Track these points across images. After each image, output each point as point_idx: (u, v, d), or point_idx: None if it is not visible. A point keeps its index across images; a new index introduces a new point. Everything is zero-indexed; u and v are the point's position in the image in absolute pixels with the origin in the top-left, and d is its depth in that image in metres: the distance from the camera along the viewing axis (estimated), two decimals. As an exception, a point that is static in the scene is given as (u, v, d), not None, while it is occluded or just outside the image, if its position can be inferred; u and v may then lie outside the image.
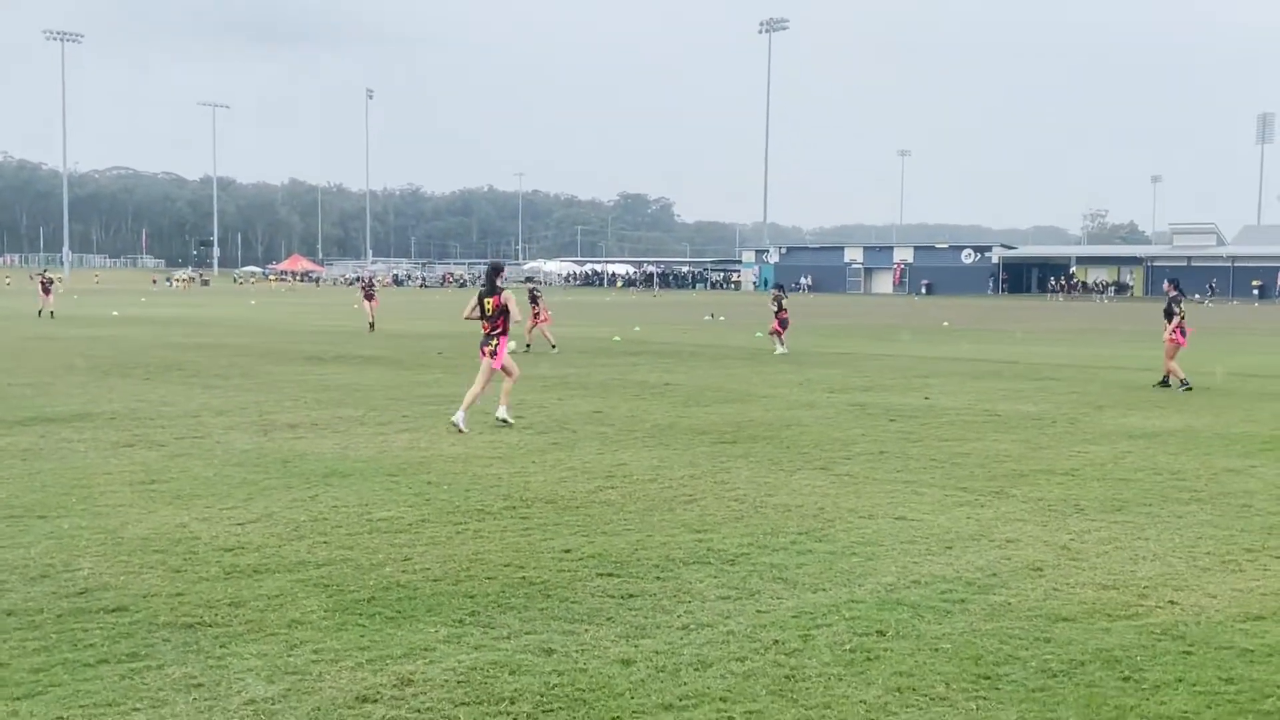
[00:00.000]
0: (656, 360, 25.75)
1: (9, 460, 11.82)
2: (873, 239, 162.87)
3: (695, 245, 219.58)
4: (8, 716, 5.11)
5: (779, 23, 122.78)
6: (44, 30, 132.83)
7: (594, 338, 34.37)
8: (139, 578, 7.42)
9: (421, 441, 13.35)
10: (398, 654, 6.00)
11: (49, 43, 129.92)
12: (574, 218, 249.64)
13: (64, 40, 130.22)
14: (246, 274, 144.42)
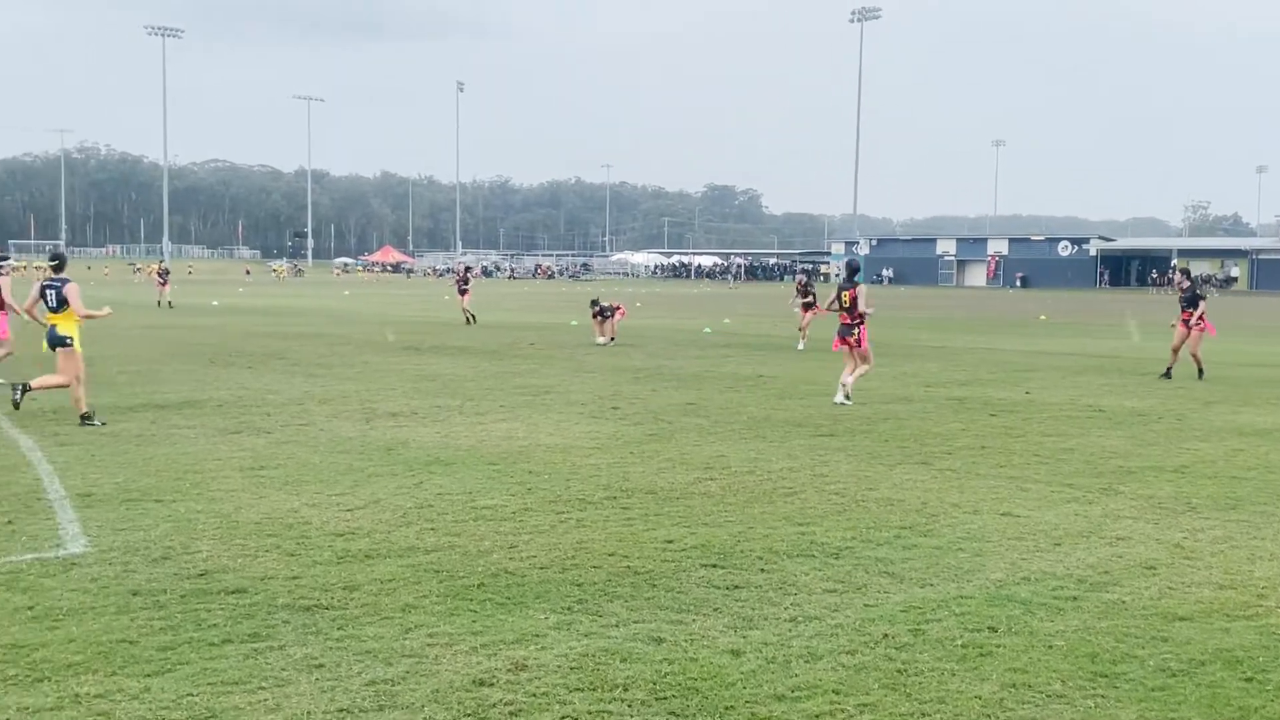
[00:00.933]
0: (748, 353, 25.69)
1: (124, 445, 12.20)
2: (965, 231, 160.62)
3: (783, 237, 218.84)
4: (140, 693, 5.29)
5: (871, 11, 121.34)
6: (145, 25, 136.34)
7: (684, 330, 34.41)
8: (256, 561, 7.62)
9: (519, 431, 13.49)
10: (510, 639, 6.09)
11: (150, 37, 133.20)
12: (661, 209, 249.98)
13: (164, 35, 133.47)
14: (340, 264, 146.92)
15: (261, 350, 24.92)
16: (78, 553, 7.79)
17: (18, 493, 9.73)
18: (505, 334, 30.99)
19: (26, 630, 6.15)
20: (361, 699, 5.24)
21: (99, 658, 5.74)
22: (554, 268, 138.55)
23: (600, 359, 23.43)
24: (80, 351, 14.10)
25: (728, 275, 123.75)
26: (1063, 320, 44.91)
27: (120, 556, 7.68)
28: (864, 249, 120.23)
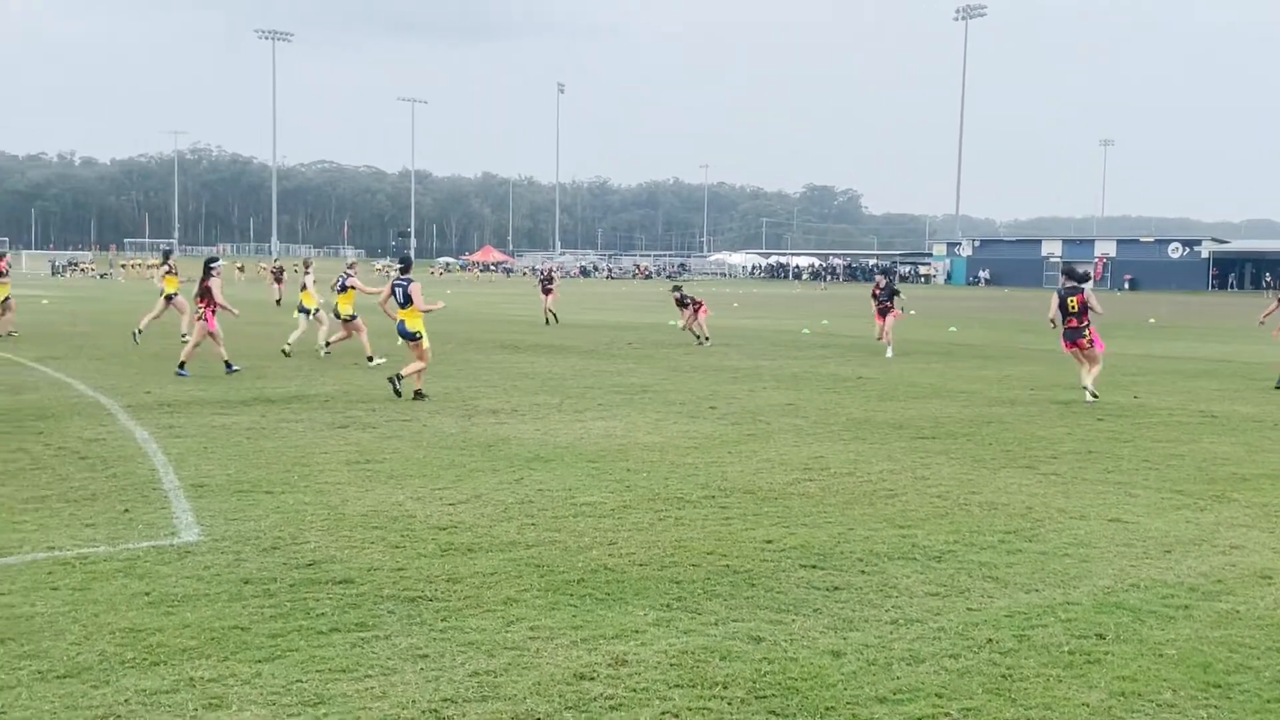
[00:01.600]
0: (847, 353, 25.47)
1: (235, 438, 12.53)
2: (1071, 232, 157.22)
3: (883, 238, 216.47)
4: (251, 678, 5.44)
5: (976, 9, 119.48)
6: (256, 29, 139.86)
7: (782, 330, 34.23)
8: (362, 552, 7.78)
9: (618, 429, 13.56)
10: (610, 634, 6.13)
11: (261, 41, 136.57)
12: (759, 210, 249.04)
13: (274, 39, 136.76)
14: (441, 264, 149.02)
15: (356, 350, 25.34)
16: (192, 541, 8.03)
17: (135, 482, 10.06)
18: (603, 333, 31.14)
19: (144, 615, 6.36)
20: (465, 689, 5.32)
21: (212, 643, 5.91)
22: (651, 268, 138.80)
23: (697, 359, 23.44)
24: (428, 342, 16.38)
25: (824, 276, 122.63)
26: (1173, 323, 43.71)
27: (232, 545, 7.90)
28: (966, 250, 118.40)
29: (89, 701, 5.13)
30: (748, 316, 43.21)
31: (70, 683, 5.35)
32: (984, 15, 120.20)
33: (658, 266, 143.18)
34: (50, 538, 8.07)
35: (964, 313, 49.36)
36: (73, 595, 6.70)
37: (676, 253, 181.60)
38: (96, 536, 8.13)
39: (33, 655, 5.70)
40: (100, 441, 12.15)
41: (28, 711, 5.01)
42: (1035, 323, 41.88)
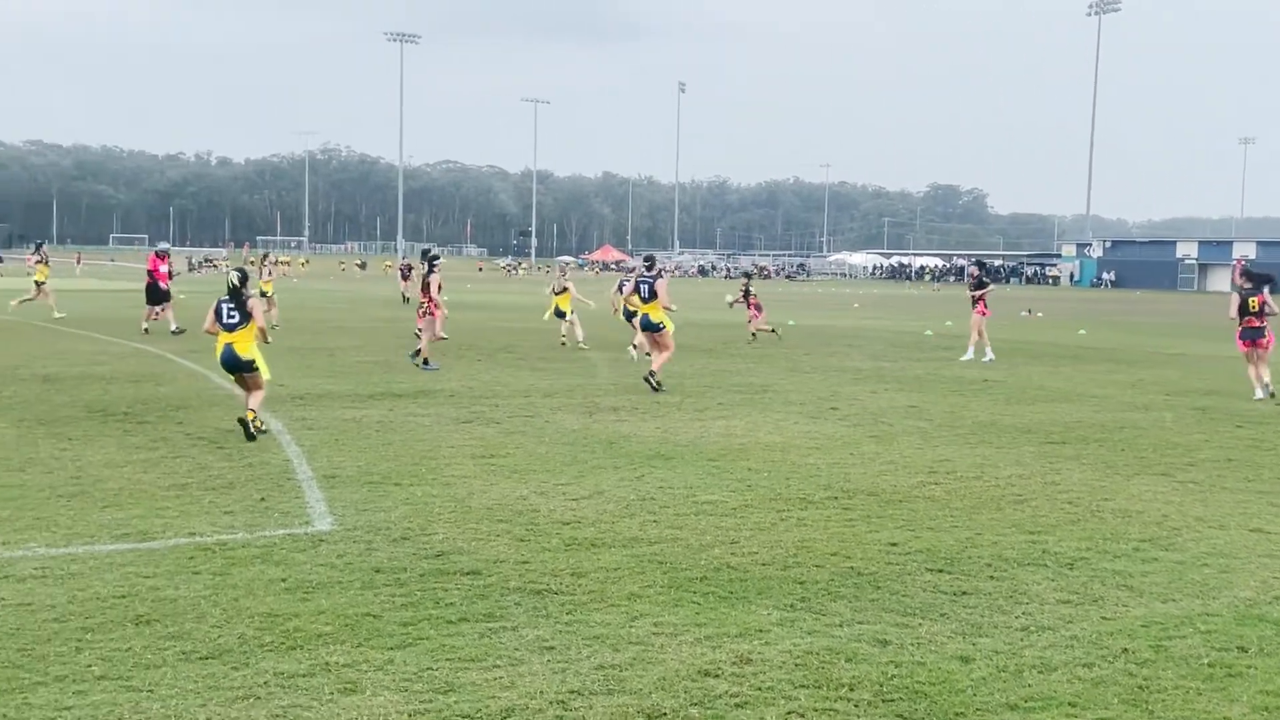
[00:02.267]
0: (971, 356, 24.97)
1: (365, 431, 12.83)
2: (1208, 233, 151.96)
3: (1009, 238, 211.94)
4: (384, 664, 5.57)
5: (1110, 4, 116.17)
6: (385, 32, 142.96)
7: (904, 331, 33.76)
8: (488, 544, 7.91)
9: (738, 429, 13.53)
10: (733, 633, 6.13)
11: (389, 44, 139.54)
12: (881, 209, 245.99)
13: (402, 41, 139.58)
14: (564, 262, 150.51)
15: (489, 344, 25.78)
16: (325, 530, 8.26)
17: (270, 472, 10.38)
18: (721, 332, 31.07)
19: (281, 600, 6.56)
20: (591, 682, 5.37)
21: (346, 629, 6.07)
22: (770, 268, 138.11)
23: (818, 360, 23.26)
24: (672, 335, 17.23)
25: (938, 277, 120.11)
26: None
27: (363, 535, 8.10)
28: (1096, 251, 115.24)
29: (230, 682, 5.31)
30: (868, 317, 42.74)
31: (212, 664, 5.55)
32: (1118, 10, 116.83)
33: (776, 266, 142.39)
34: (191, 524, 8.37)
35: (1094, 315, 48.06)
36: (213, 580, 6.95)
37: (796, 252, 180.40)
38: (235, 523, 8.41)
39: (177, 636, 5.92)
40: (236, 432, 12.54)
41: (173, 690, 5.21)
42: (1170, 325, 40.57)
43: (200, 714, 4.94)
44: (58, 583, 6.82)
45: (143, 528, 8.22)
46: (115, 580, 6.88)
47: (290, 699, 5.12)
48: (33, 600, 6.46)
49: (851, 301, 59.24)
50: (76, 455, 11.01)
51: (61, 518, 8.48)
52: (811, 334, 31.51)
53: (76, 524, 8.31)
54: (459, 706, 5.06)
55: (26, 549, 7.57)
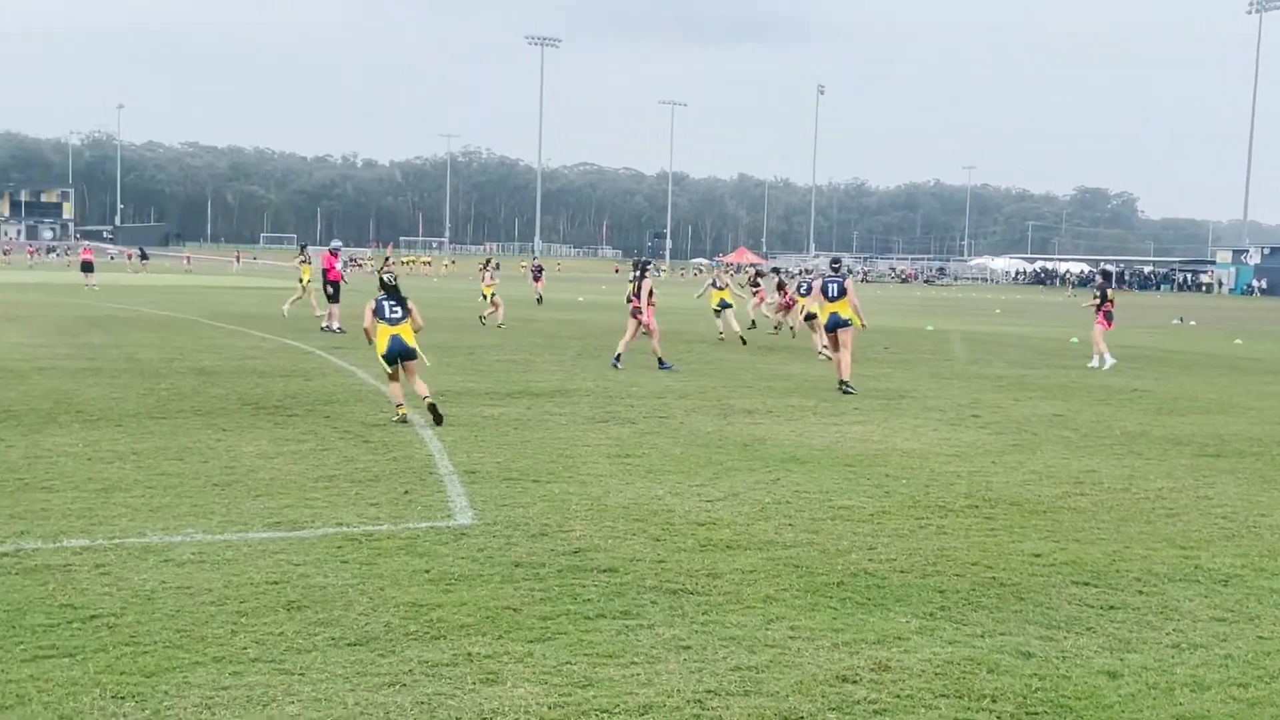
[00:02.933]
0: (1120, 364, 24.22)
1: (503, 429, 13.05)
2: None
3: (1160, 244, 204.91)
4: (524, 657, 5.67)
5: (1271, 2, 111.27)
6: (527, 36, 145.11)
7: (1048, 338, 32.90)
8: (624, 543, 7.97)
9: (875, 434, 13.37)
10: (871, 639, 6.06)
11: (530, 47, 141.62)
12: (1024, 213, 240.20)
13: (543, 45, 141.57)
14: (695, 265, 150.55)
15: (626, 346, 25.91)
16: (466, 524, 8.43)
17: (413, 466, 10.64)
18: (858, 337, 30.71)
19: (424, 591, 6.73)
20: (728, 683, 5.38)
21: (487, 621, 6.19)
22: (909, 271, 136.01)
23: (958, 365, 22.83)
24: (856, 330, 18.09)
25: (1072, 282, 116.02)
26: None
27: (503, 530, 8.24)
28: (1254, 258, 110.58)
29: (377, 669, 5.47)
30: (1010, 323, 41.78)
31: (360, 650, 5.72)
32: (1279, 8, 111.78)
33: (915, 269, 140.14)
34: (339, 514, 8.63)
35: (1251, 324, 46.14)
36: (360, 569, 7.16)
37: (935, 256, 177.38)
38: (380, 515, 8.65)
39: (326, 623, 6.12)
40: (381, 427, 12.89)
41: (323, 674, 5.39)
42: (1332, 337, 38.68)
43: (349, 698, 5.10)
44: (214, 568, 7.11)
45: (293, 517, 8.51)
46: (268, 567, 7.14)
47: (434, 687, 5.24)
48: (191, 584, 6.75)
49: (993, 307, 58.00)
50: (230, 446, 11.45)
51: (217, 506, 8.83)
52: (951, 339, 30.93)
53: (231, 512, 8.64)
54: (597, 701, 5.12)
55: (185, 535, 7.91)
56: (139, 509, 8.62)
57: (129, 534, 7.87)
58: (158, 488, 9.39)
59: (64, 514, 8.40)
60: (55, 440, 11.48)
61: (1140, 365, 24.16)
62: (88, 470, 10.04)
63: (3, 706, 4.91)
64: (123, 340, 23.25)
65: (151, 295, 44.15)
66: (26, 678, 5.24)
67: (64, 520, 8.21)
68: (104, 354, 20.27)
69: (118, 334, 24.85)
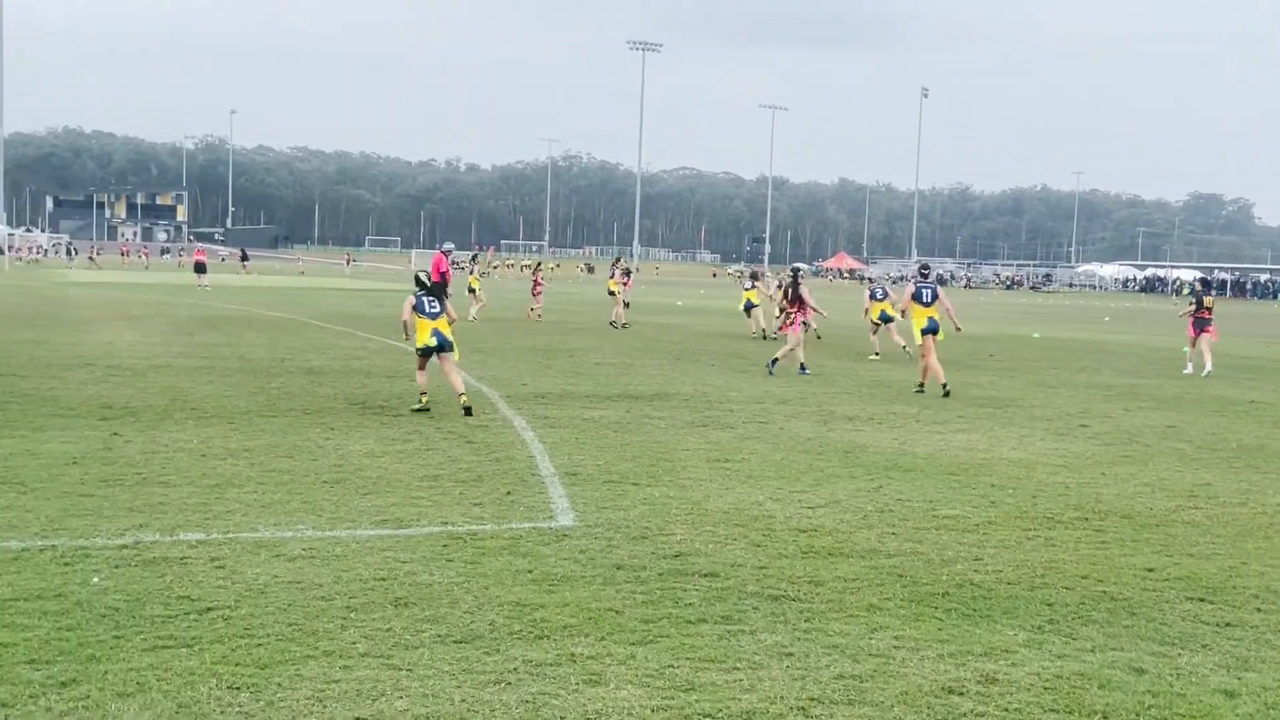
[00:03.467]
0: (1236, 374, 23.51)
1: (603, 431, 13.12)
2: None
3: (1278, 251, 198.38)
4: (626, 659, 5.69)
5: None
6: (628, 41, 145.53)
7: (1160, 347, 32.06)
8: (725, 548, 7.96)
9: (980, 443, 13.16)
10: (978, 651, 5.97)
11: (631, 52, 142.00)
12: (1135, 219, 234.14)
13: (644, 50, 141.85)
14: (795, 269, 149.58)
15: (722, 349, 25.93)
16: (568, 525, 8.50)
17: (515, 468, 10.75)
18: (962, 343, 30.27)
19: (528, 591, 6.80)
20: (831, 691, 5.34)
21: (589, 622, 6.23)
22: (1014, 277, 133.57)
23: (1066, 374, 22.36)
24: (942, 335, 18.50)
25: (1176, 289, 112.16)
26: None
27: (604, 532, 8.29)
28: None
29: (482, 667, 5.54)
30: (1119, 331, 40.80)
31: (466, 648, 5.80)
32: None
33: (1020, 276, 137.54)
34: (444, 513, 8.76)
35: None
36: (465, 568, 7.25)
37: (1041, 262, 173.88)
38: (484, 515, 8.76)
39: (432, 620, 6.22)
40: (484, 428, 13.06)
41: (430, 670, 5.47)
42: None
43: (455, 695, 5.18)
44: (324, 563, 7.26)
45: (399, 515, 8.66)
46: (376, 563, 7.28)
47: (539, 686, 5.30)
48: (302, 579, 6.91)
49: (1101, 315, 56.70)
50: (339, 444, 11.69)
51: (326, 503, 9.02)
52: (1058, 347, 30.34)
53: (340, 509, 8.83)
54: (700, 705, 5.13)
55: (296, 530, 8.10)
56: (251, 504, 8.86)
57: (242, 529, 8.09)
58: (269, 484, 9.63)
59: (180, 508, 8.66)
60: (171, 436, 11.84)
61: (1256, 376, 23.41)
62: (202, 466, 10.33)
63: (124, 694, 5.08)
64: (234, 340, 23.89)
65: (261, 296, 45.27)
66: (146, 666, 5.41)
67: (180, 514, 8.46)
68: (217, 353, 20.85)
69: (229, 334, 25.53)
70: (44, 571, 6.88)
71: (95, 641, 5.71)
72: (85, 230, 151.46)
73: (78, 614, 6.12)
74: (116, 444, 11.29)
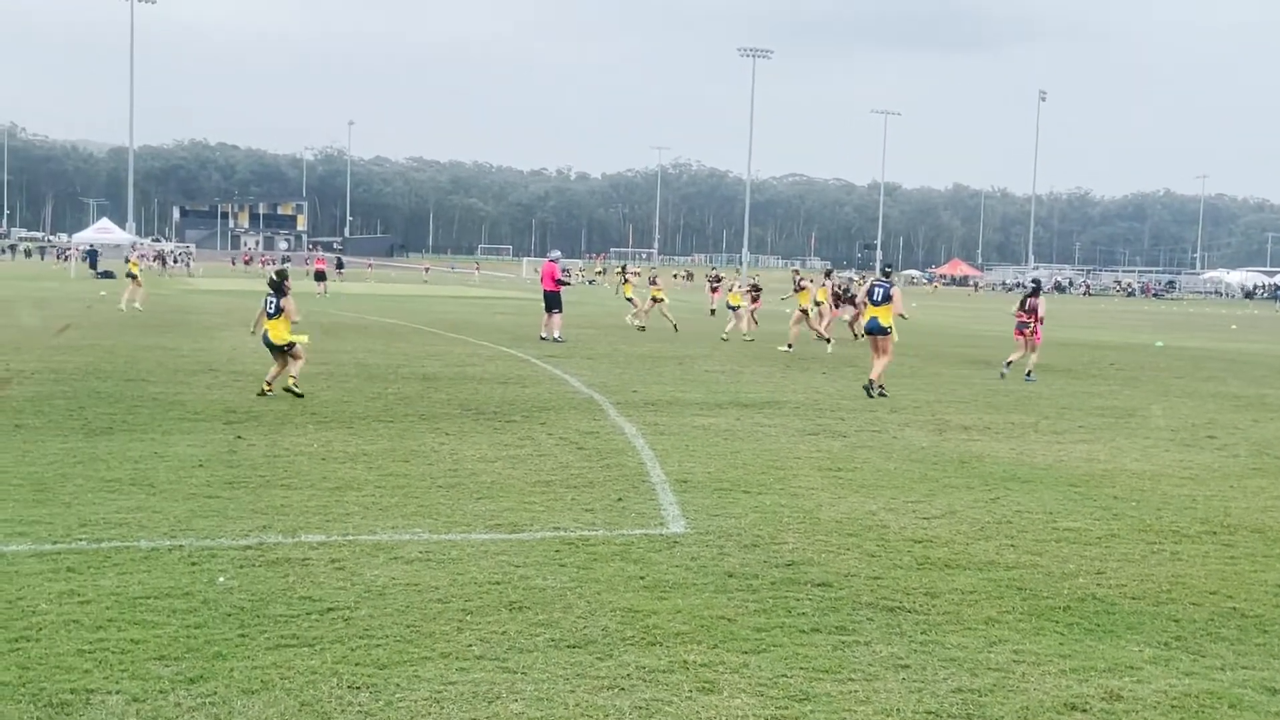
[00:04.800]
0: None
1: (713, 439, 13.09)
2: None
3: None
4: (740, 667, 5.67)
5: None
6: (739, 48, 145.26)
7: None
8: (838, 557, 7.88)
9: (1101, 454, 12.82)
10: (1101, 667, 5.81)
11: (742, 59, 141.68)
12: (1264, 223, 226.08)
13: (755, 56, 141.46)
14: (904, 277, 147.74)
15: (833, 357, 25.69)
16: (679, 532, 8.49)
17: (626, 474, 10.79)
18: (1082, 352, 29.57)
19: (639, 597, 6.81)
20: (949, 704, 5.25)
21: (701, 630, 6.22)
22: (1135, 284, 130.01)
23: (1191, 384, 21.68)
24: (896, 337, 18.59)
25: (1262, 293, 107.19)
26: None
27: (715, 540, 8.27)
28: None
29: (595, 672, 5.57)
30: (1247, 340, 39.42)
31: (579, 653, 5.83)
32: None
33: (1142, 283, 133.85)
34: (556, 519, 8.84)
35: None
36: (577, 573, 7.30)
37: (1164, 269, 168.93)
38: (595, 521, 8.80)
39: (546, 624, 6.27)
40: (594, 434, 13.13)
41: (544, 674, 5.52)
42: None
43: (569, 699, 5.21)
44: (440, 566, 7.37)
45: (513, 520, 8.75)
46: (490, 567, 7.37)
47: (652, 693, 5.30)
48: (419, 581, 7.02)
49: (1228, 323, 54.84)
50: (453, 449, 11.86)
51: (441, 506, 9.16)
52: (1183, 356, 29.42)
53: (454, 513, 8.96)
54: (815, 716, 5.08)
55: (412, 533, 8.24)
56: (370, 507, 9.04)
57: (361, 531, 8.26)
58: (386, 488, 9.82)
59: (301, 510, 8.87)
60: (292, 440, 12.14)
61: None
62: (322, 469, 10.58)
63: (250, 691, 5.22)
64: (351, 346, 24.41)
65: (375, 303, 46.18)
66: (270, 665, 5.55)
67: (301, 516, 8.67)
68: (334, 359, 21.32)
69: (346, 340, 26.10)
70: (172, 570, 7.11)
71: (221, 639, 5.88)
72: (210, 240, 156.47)
73: (204, 612, 6.31)
74: (240, 447, 11.62)
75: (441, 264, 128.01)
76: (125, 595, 6.56)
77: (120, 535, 7.94)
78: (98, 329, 27.16)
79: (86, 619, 6.13)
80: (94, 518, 8.40)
